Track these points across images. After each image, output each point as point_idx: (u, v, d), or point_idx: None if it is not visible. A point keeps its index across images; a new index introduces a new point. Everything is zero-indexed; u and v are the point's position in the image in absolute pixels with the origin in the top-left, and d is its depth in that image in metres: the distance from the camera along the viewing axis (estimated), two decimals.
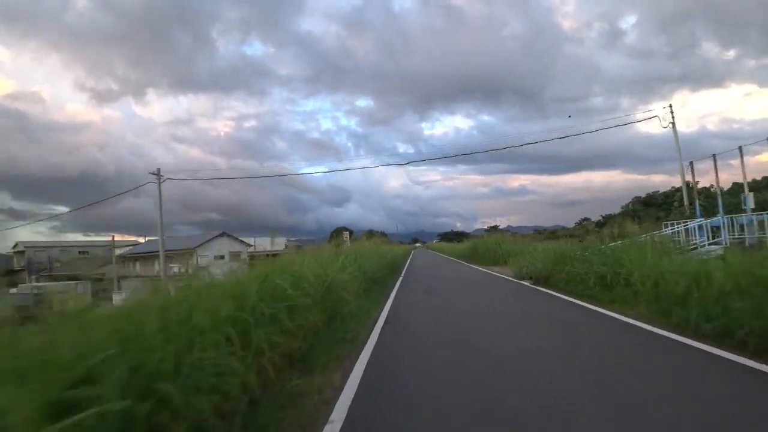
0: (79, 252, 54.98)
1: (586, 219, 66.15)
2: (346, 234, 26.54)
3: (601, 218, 48.31)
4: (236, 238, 47.44)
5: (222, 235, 47.49)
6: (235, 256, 39.99)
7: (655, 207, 38.62)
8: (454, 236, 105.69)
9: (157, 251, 32.24)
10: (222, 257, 39.61)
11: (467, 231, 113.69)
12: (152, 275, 27.63)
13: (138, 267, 46.99)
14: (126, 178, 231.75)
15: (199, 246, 43.41)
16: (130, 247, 53.30)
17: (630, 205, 44.57)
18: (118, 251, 44.88)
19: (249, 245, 46.03)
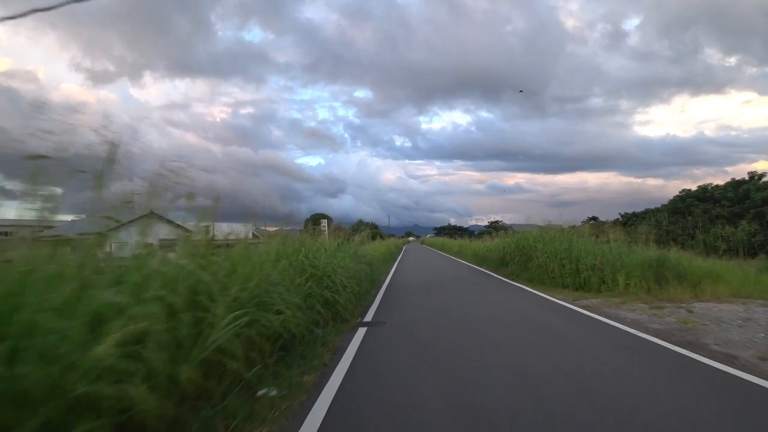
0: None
1: (593, 218, 62.57)
2: (324, 222, 21.55)
3: (620, 217, 45.14)
4: (171, 222, 35.62)
5: (149, 215, 36.74)
6: (168, 244, 31.88)
7: (711, 202, 35.66)
8: (452, 231, 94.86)
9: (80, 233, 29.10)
10: (149, 245, 32.94)
11: (462, 226, 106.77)
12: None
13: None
14: (120, 161, 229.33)
15: (114, 229, 34.80)
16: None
17: (681, 200, 39.49)
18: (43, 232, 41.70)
19: (190, 231, 39.97)
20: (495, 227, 74.16)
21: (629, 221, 40.25)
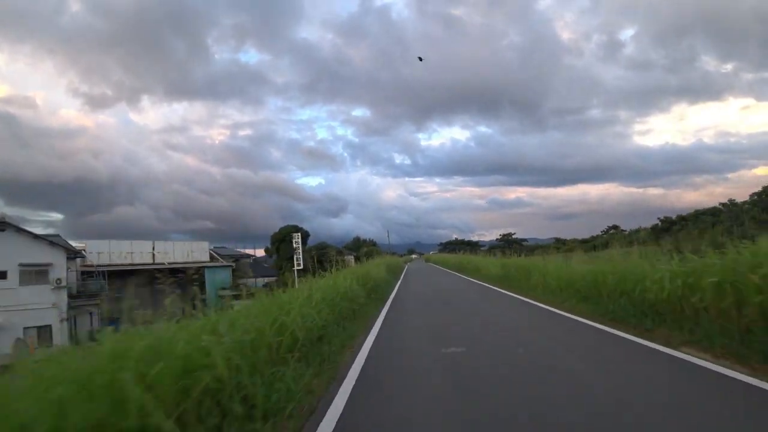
0: None
1: (614, 227, 56.37)
2: (297, 237, 18.79)
3: (659, 222, 40.18)
4: (42, 237, 24.22)
5: (2, 227, 22.64)
6: (35, 274, 22.63)
7: None
8: (458, 245, 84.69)
9: None
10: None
11: (471, 240, 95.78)
12: None
13: None
14: (121, 185, 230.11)
15: None
16: None
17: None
18: None
19: (78, 253, 27.86)
20: (507, 240, 64.46)
21: (671, 227, 35.46)
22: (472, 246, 77.45)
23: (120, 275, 28.23)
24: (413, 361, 5.07)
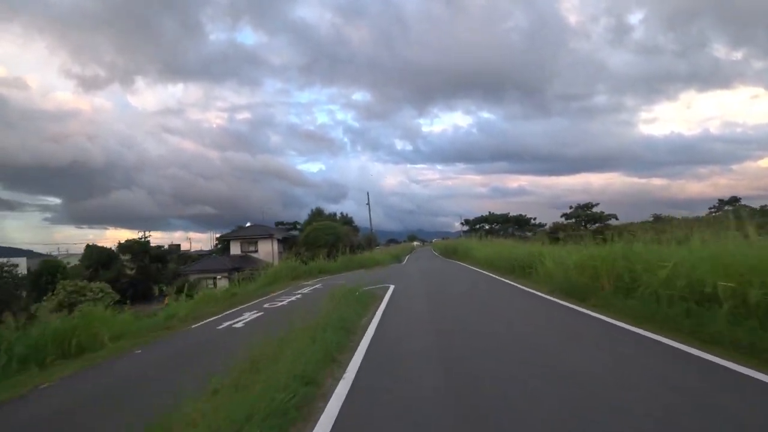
0: None
1: (735, 199, 40.10)
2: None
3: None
4: None
5: None
6: None
7: None
8: (502, 223, 56.04)
9: None
10: None
11: (525, 217, 57.64)
12: None
13: None
14: (117, 169, 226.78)
15: None
16: None
17: None
18: None
19: None
20: (584, 217, 41.02)
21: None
22: (520, 225, 53.33)
23: None
24: None
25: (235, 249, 44.28)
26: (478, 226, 58.88)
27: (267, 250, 42.13)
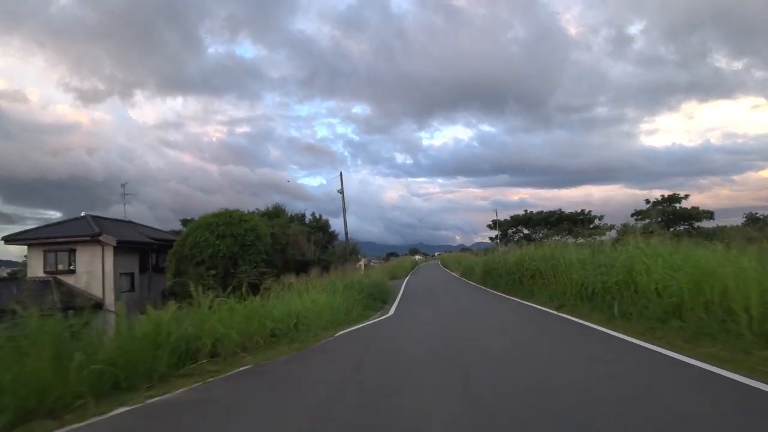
0: None
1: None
2: None
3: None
4: None
5: None
6: None
7: None
8: (556, 223, 41.67)
9: None
10: None
11: (582, 213, 44.47)
12: None
13: None
14: (116, 182, 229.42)
15: None
16: None
17: None
18: None
19: None
20: (671, 214, 30.92)
21: None
22: (581, 223, 39.16)
23: None
24: None
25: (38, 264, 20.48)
26: (512, 231, 45.45)
27: (94, 269, 20.02)
